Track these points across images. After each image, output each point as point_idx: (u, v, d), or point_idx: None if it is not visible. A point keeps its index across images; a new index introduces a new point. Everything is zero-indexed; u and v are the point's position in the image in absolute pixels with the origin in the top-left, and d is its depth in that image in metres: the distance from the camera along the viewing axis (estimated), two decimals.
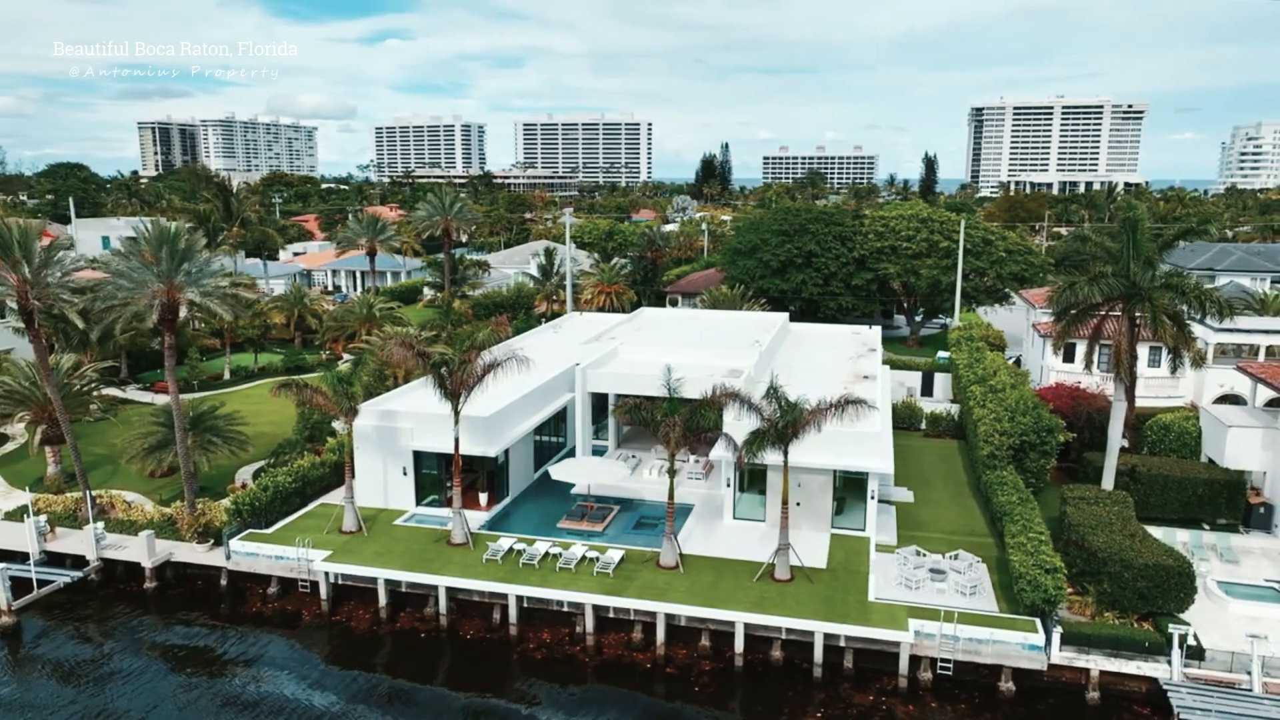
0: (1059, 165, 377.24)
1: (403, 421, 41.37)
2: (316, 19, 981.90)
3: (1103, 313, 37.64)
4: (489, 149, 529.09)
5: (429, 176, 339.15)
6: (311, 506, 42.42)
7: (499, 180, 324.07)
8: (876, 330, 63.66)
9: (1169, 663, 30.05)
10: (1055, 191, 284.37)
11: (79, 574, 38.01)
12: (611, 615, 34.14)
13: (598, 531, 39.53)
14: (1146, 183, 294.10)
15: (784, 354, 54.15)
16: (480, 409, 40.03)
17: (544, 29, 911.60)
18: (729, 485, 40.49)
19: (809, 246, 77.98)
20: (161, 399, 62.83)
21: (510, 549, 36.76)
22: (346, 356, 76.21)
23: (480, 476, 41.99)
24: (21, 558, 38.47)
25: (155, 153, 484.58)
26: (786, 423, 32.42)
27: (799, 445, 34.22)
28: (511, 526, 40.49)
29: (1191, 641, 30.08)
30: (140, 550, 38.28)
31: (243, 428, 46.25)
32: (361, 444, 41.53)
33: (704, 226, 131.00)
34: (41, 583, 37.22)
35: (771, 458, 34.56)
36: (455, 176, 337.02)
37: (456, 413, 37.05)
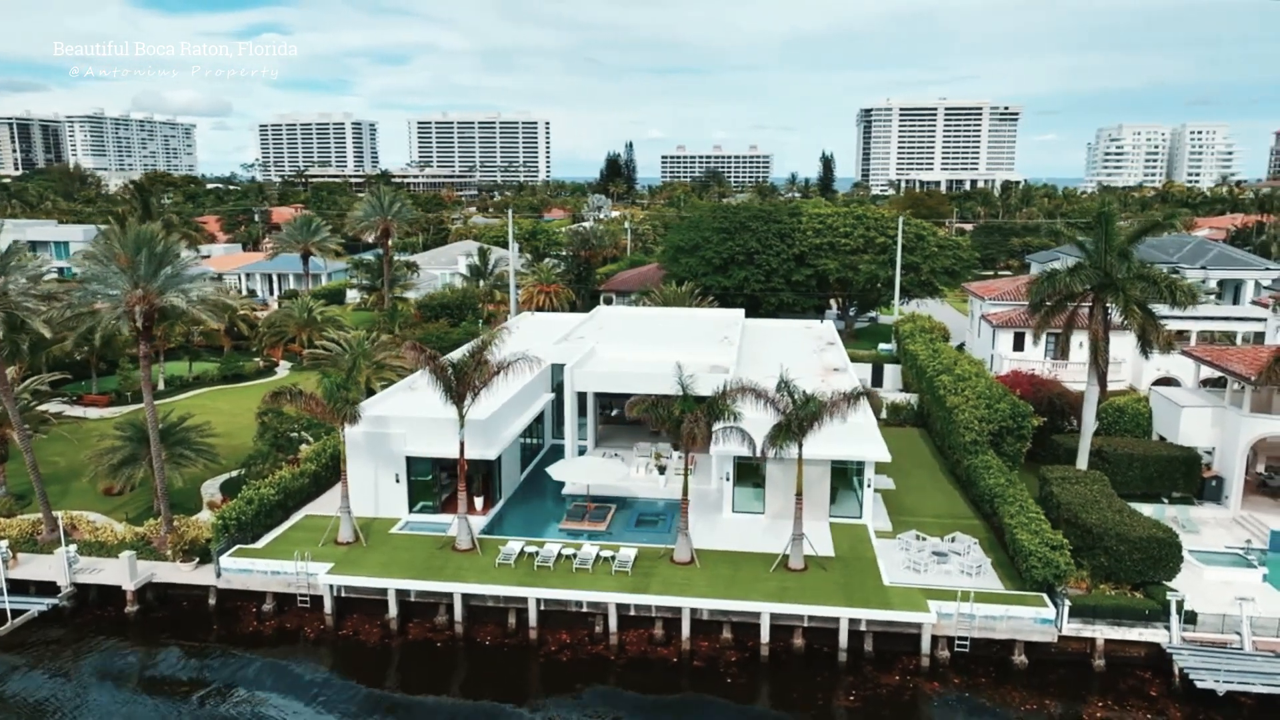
0: (943, 164, 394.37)
1: (394, 427, 40.24)
2: (186, 11, 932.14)
3: (1075, 303, 39.80)
4: (380, 147, 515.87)
5: (322, 176, 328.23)
6: (297, 518, 40.79)
7: (398, 179, 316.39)
8: (830, 324, 65.54)
9: (1168, 628, 32.19)
10: (943, 189, 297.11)
11: (54, 601, 35.50)
12: (632, 613, 34.18)
13: (601, 531, 39.42)
14: (1025, 180, 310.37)
15: (752, 349, 55.01)
16: (478, 412, 39.31)
17: (429, 25, 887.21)
18: (727, 479, 41.02)
19: (750, 244, 79.44)
20: (94, 412, 59.26)
21: (522, 552, 36.27)
22: (284, 363, 73.45)
23: (476, 480, 41.23)
24: None
25: (14, 150, 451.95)
26: (805, 415, 33.15)
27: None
28: (509, 529, 39.91)
29: (1187, 608, 32.28)
30: (120, 572, 36.02)
31: (212, 439, 44.03)
32: (352, 452, 40.16)
33: (627, 225, 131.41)
34: (15, 613, 34.61)
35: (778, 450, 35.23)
36: (351, 176, 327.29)
37: (462, 416, 36.33)
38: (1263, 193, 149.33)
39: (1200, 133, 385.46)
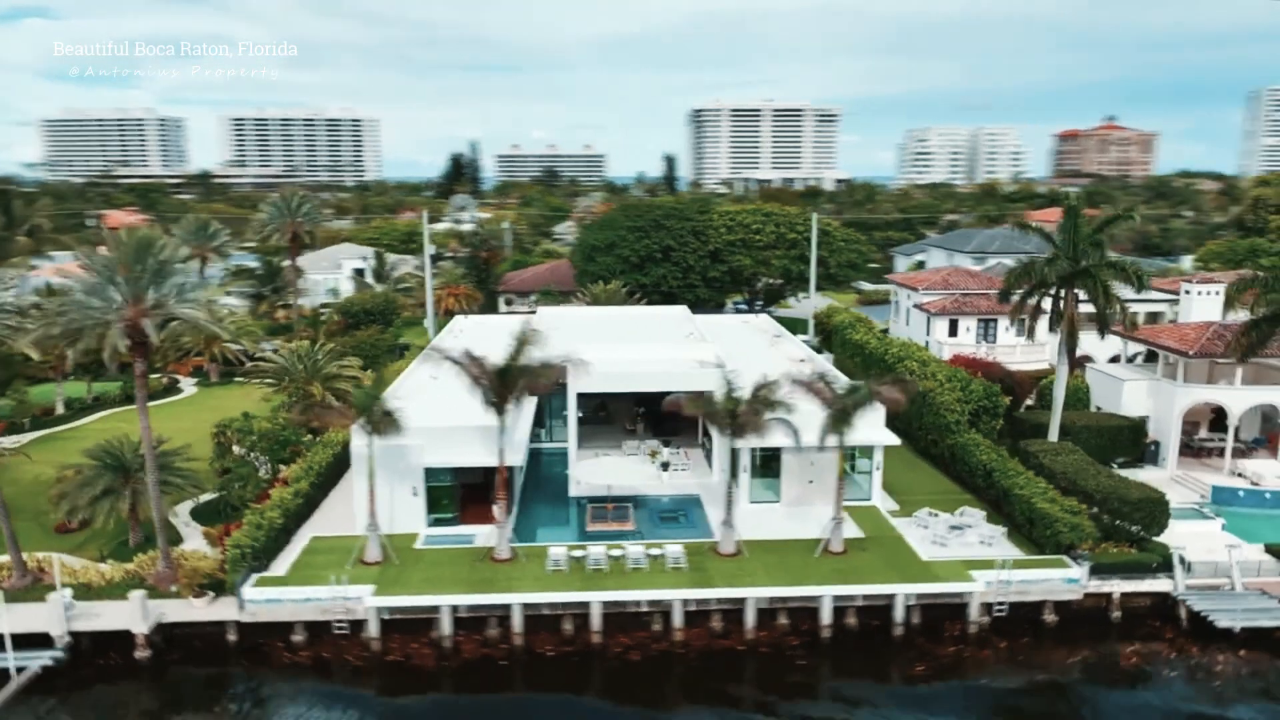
0: (772, 163, 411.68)
1: (412, 437, 38.38)
2: None
3: (1045, 291, 43.44)
4: (189, 145, 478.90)
5: (132, 176, 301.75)
6: (304, 541, 38.21)
7: (219, 180, 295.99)
8: (765, 317, 67.79)
9: (1171, 578, 35.96)
10: (775, 187, 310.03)
11: (57, 653, 31.59)
12: (693, 608, 34.46)
13: (630, 530, 39.37)
14: (851, 178, 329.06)
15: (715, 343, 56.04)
16: (493, 417, 38.32)
17: (224, 15, 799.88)
18: (745, 471, 41.91)
19: (666, 241, 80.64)
20: (8, 440, 52.66)
21: (569, 556, 35.69)
22: (187, 380, 67.92)
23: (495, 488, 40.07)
24: None
25: None
26: (857, 401, 34.63)
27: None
28: (527, 535, 39.14)
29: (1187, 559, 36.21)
30: (128, 614, 32.54)
31: (192, 463, 40.41)
32: (361, 466, 38.05)
33: (506, 225, 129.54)
34: (19, 669, 30.56)
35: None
36: (167, 176, 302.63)
37: (503, 423, 35.31)
38: (1087, 189, 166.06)
39: (994, 135, 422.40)
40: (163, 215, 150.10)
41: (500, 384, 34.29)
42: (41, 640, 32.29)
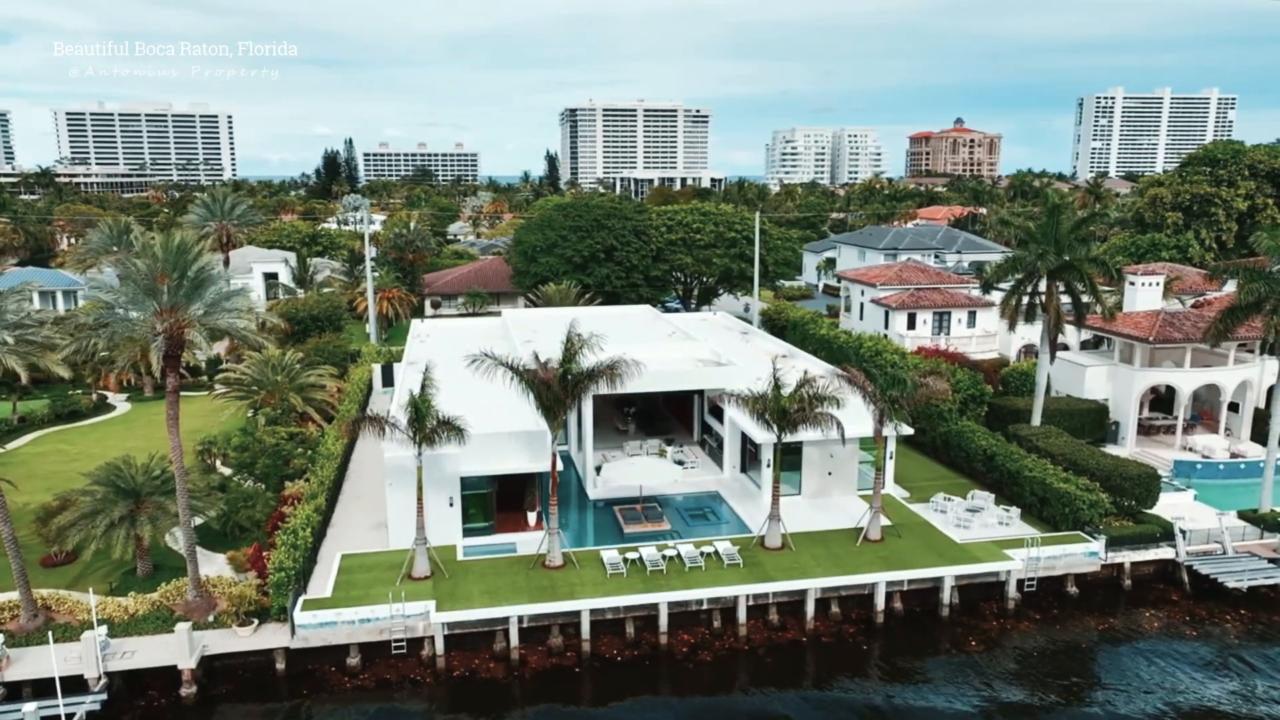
0: (646, 163, 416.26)
1: (447, 446, 37.08)
2: None
3: (1030, 283, 46.24)
4: (15, 141, 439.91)
5: None
6: (333, 558, 36.32)
7: (63, 179, 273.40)
8: (723, 314, 68.88)
9: (1173, 546, 39.07)
10: (655, 186, 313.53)
11: (101, 695, 28.90)
12: (752, 603, 34.90)
13: (667, 530, 39.42)
14: (725, 177, 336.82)
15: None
16: (528, 422, 37.72)
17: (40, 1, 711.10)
18: (767, 465, 42.62)
19: (609, 241, 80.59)
20: None
21: (626, 559, 35.44)
22: (119, 396, 62.98)
23: (530, 494, 39.33)
24: None
25: None
26: (911, 393, 35.94)
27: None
28: (568, 540, 38.59)
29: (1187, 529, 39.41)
30: (174, 649, 30.13)
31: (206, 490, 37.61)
32: (397, 477, 36.62)
33: (413, 226, 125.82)
34: (69, 716, 27.77)
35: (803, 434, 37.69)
36: (1, 175, 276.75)
37: (554, 427, 34.68)
38: (986, 188, 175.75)
39: (855, 136, 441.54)
40: (18, 217, 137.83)
41: (561, 388, 33.62)
42: (72, 683, 29.49)
